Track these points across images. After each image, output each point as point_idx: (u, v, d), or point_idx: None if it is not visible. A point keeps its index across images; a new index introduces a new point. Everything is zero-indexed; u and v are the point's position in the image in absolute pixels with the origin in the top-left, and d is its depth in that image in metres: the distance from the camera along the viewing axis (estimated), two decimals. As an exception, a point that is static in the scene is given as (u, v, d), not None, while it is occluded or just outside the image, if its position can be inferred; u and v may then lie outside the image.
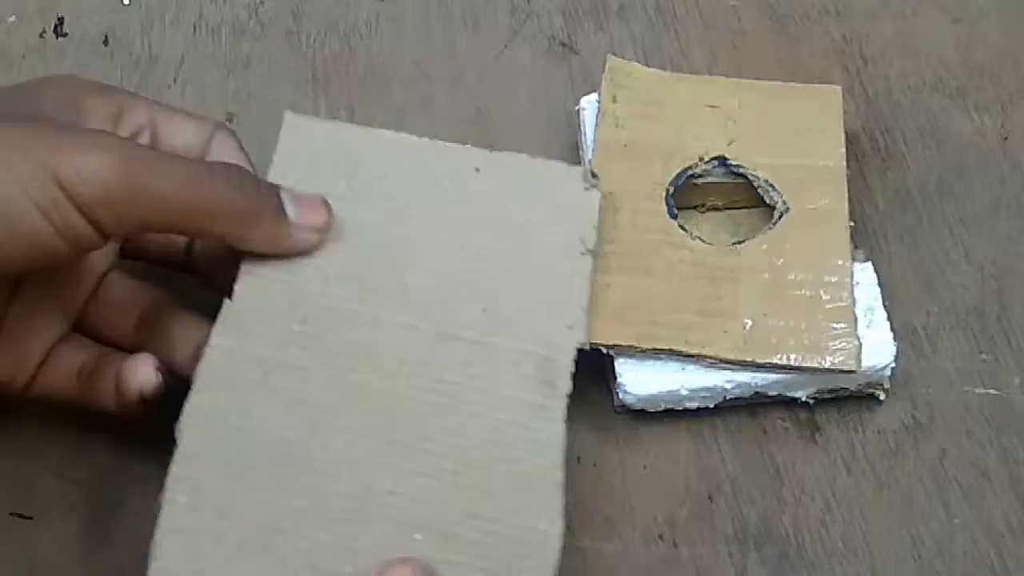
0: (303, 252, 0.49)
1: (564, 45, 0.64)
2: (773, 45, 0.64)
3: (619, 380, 0.51)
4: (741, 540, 0.49)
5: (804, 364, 0.51)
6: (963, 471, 0.51)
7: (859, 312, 0.52)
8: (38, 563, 0.49)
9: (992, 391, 0.53)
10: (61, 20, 0.65)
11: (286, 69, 0.63)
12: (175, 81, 0.62)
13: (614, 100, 0.58)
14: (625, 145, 0.56)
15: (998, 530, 0.49)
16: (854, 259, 0.54)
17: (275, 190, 0.48)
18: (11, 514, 0.50)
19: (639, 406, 0.51)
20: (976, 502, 0.50)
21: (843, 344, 0.51)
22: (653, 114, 0.58)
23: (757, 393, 0.52)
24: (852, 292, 0.52)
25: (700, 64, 0.63)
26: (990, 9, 0.65)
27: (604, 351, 0.51)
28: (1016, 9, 0.65)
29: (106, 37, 0.64)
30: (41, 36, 0.65)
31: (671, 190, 0.55)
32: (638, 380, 0.51)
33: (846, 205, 0.55)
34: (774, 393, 0.52)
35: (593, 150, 0.56)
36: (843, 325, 0.51)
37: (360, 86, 0.62)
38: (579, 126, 0.58)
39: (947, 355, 0.53)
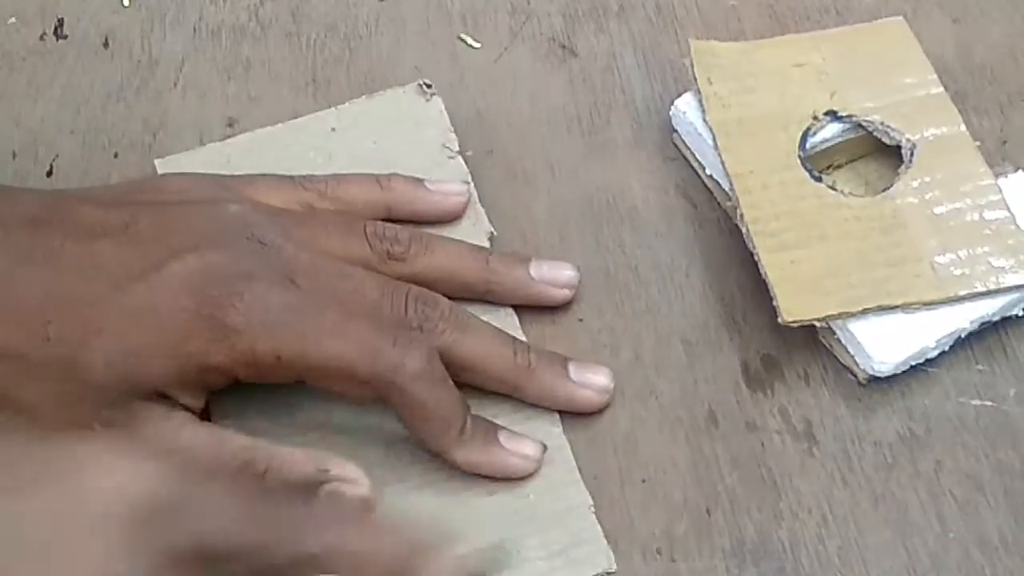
0: None
1: (564, 47, 0.64)
2: (773, 47, 0.64)
3: (867, 351, 0.51)
4: (739, 555, 0.49)
5: (1004, 284, 0.52)
6: (958, 484, 0.51)
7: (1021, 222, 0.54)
8: None
9: (988, 403, 0.53)
10: (61, 22, 0.65)
11: (286, 71, 0.63)
12: (175, 85, 0.63)
13: (709, 82, 0.58)
14: (739, 122, 0.57)
15: (992, 543, 0.50)
16: (997, 174, 0.55)
17: None
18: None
19: (891, 372, 0.52)
20: (971, 515, 0.50)
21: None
22: (751, 86, 0.58)
23: (983, 323, 0.53)
24: (1008, 206, 0.54)
25: (700, 65, 0.63)
26: (990, 9, 0.65)
27: (817, 325, 0.52)
28: (1016, 9, 0.65)
29: (106, 39, 0.64)
30: (41, 38, 0.65)
31: (801, 155, 0.56)
32: (885, 346, 0.51)
33: (963, 127, 0.56)
34: (998, 318, 0.53)
35: (713, 136, 0.56)
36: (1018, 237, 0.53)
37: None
38: (674, 129, 0.59)
39: (943, 366, 0.54)
